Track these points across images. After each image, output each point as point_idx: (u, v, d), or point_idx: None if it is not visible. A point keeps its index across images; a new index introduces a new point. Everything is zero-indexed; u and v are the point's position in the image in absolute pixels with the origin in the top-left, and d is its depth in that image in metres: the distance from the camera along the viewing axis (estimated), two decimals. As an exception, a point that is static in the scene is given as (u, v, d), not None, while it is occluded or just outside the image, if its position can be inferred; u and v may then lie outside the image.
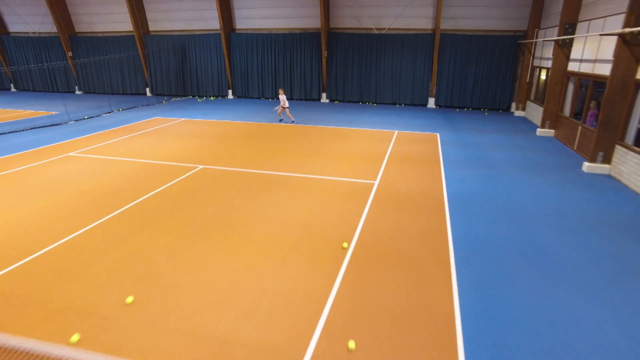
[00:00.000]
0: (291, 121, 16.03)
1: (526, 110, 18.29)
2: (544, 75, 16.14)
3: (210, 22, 22.55)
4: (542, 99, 15.91)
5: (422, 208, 7.50)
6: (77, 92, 26.28)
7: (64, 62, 25.40)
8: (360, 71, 21.09)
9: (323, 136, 13.53)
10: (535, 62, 17.45)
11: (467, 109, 20.31)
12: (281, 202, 7.71)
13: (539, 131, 14.28)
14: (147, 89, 24.94)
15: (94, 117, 17.34)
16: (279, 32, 21.80)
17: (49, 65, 25.64)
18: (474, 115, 18.49)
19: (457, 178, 9.28)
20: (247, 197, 7.95)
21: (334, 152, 11.49)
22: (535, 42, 17.28)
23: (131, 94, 25.28)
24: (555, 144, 12.97)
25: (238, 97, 23.69)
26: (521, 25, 18.50)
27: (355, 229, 6.60)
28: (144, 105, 20.73)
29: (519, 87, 18.75)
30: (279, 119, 16.38)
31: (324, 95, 22.16)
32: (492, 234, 6.51)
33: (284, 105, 15.78)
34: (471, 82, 19.71)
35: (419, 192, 8.34)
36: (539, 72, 16.82)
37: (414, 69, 20.30)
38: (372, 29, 20.48)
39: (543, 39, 14.74)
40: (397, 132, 14.34)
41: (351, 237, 6.31)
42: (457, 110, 19.98)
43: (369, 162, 10.43)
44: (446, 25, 19.28)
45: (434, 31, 19.53)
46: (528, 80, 18.02)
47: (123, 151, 11.44)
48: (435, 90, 20.31)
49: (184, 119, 16.69)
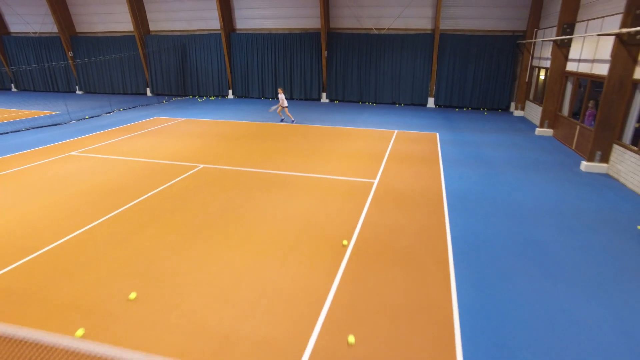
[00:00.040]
0: (291, 120, 16.10)
1: (525, 110, 18.37)
2: (542, 75, 16.22)
3: (211, 22, 22.62)
4: (541, 98, 15.99)
5: (421, 206, 7.58)
6: (77, 92, 26.35)
7: (65, 62, 25.47)
8: (360, 71, 21.17)
9: (323, 136, 13.60)
10: (534, 62, 17.53)
11: (467, 108, 20.39)
12: (281, 201, 7.79)
13: (537, 131, 14.36)
14: (148, 89, 25.02)
15: (94, 116, 17.42)
16: (279, 32, 21.88)
17: (49, 65, 25.70)
18: (473, 115, 18.57)
19: (456, 177, 9.35)
20: (247, 196, 8.03)
21: (334, 151, 11.56)
22: (534, 42, 17.36)
23: (132, 93, 25.35)
24: (554, 143, 13.05)
25: (238, 97, 23.77)
26: (520, 26, 18.58)
27: (355, 227, 6.67)
28: (145, 105, 20.80)
29: (518, 87, 18.83)
30: (280, 118, 16.44)
31: (323, 95, 22.24)
32: (491, 232, 6.59)
33: (282, 104, 15.85)
34: (470, 82, 19.79)
35: (418, 190, 8.42)
36: (537, 72, 16.90)
37: (414, 69, 20.38)
38: (372, 29, 20.56)
39: (542, 39, 14.82)
40: (396, 131, 14.41)
41: (351, 235, 6.39)
42: (457, 110, 20.05)
43: (368, 161, 10.50)
44: (446, 25, 19.36)
45: (433, 31, 19.61)
46: (527, 80, 18.11)
47: (124, 151, 11.51)
48: (434, 90, 20.39)
49: (184, 119, 16.76)
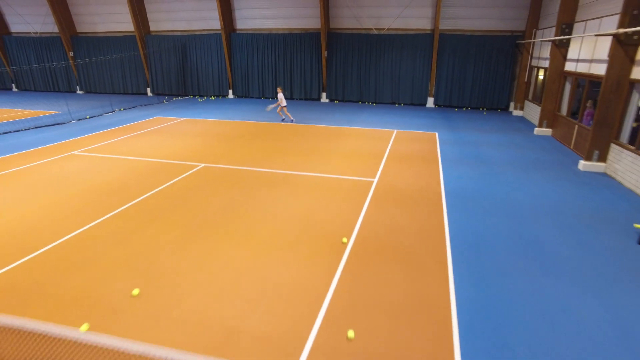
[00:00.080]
0: (290, 120, 16.18)
1: (524, 109, 18.45)
2: (541, 75, 16.30)
3: (211, 22, 22.70)
4: (540, 98, 16.07)
5: (420, 205, 7.66)
6: (78, 91, 26.43)
7: (66, 62, 25.55)
8: (359, 71, 21.25)
9: (323, 135, 13.68)
10: (533, 62, 17.61)
11: (466, 108, 20.47)
12: (282, 199, 7.86)
13: (536, 130, 14.44)
14: (148, 89, 25.10)
15: (95, 116, 17.50)
16: (279, 32, 21.96)
17: (50, 65, 25.78)
18: (472, 114, 18.65)
19: (455, 176, 9.43)
20: (248, 195, 8.11)
21: (334, 150, 11.64)
22: (533, 42, 17.44)
23: (132, 93, 25.43)
24: (553, 142, 13.13)
25: (238, 96, 23.85)
26: (519, 26, 18.66)
27: (354, 225, 6.75)
28: (145, 105, 20.88)
29: (517, 87, 18.91)
30: (281, 118, 16.52)
31: (323, 94, 22.32)
32: (489, 230, 6.66)
33: (281, 103, 15.94)
34: (470, 82, 19.87)
35: (417, 189, 8.50)
36: (536, 72, 16.98)
37: (413, 68, 20.46)
38: (372, 29, 20.64)
39: (541, 39, 14.90)
40: (396, 131, 14.49)
41: (350, 233, 6.47)
42: (456, 109, 20.14)
43: (368, 161, 10.58)
44: (445, 25, 19.44)
45: (433, 31, 19.69)
46: (526, 80, 18.19)
47: (125, 150, 11.59)
48: (434, 89, 20.47)
49: (185, 119, 16.84)
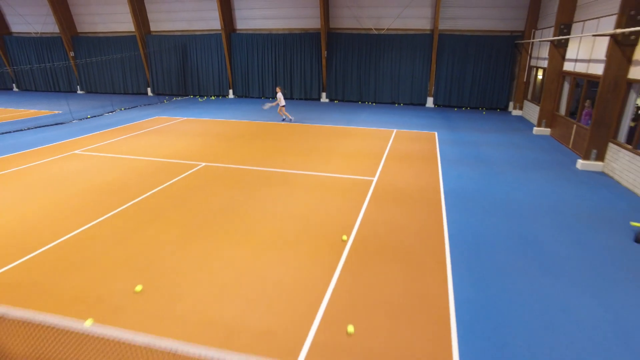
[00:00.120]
0: (288, 119, 16.27)
1: (523, 109, 18.52)
2: (540, 75, 16.38)
3: (211, 22, 22.77)
4: (538, 98, 16.15)
5: (419, 204, 7.73)
6: (78, 91, 26.50)
7: (66, 62, 25.62)
8: (359, 71, 21.32)
9: (323, 135, 13.75)
10: (532, 62, 17.69)
11: (465, 108, 20.55)
12: (282, 198, 7.94)
13: (535, 130, 14.52)
14: (149, 89, 25.17)
15: (96, 116, 17.57)
16: (279, 32, 22.03)
17: (51, 65, 25.84)
18: (471, 114, 18.73)
19: (454, 175, 9.50)
20: (248, 193, 8.18)
21: (334, 150, 11.71)
22: (532, 43, 17.52)
23: (132, 93, 25.50)
24: (551, 142, 13.21)
25: (239, 96, 23.93)
26: (518, 26, 18.74)
27: (354, 224, 6.82)
28: (146, 105, 20.95)
29: (517, 87, 18.99)
30: (282, 118, 16.59)
31: (323, 94, 22.39)
32: (488, 228, 6.74)
33: (280, 102, 16.02)
34: (469, 82, 19.95)
35: (416, 188, 8.57)
36: (535, 71, 17.06)
37: (413, 68, 20.53)
38: (372, 29, 20.71)
39: (539, 39, 14.98)
40: (395, 130, 14.57)
41: (350, 231, 6.54)
42: (455, 109, 20.21)
43: (367, 160, 10.66)
44: (444, 25, 19.52)
45: (432, 31, 19.77)
46: (525, 80, 18.27)
47: (126, 149, 11.66)
48: (433, 89, 20.55)
49: (185, 118, 16.91)
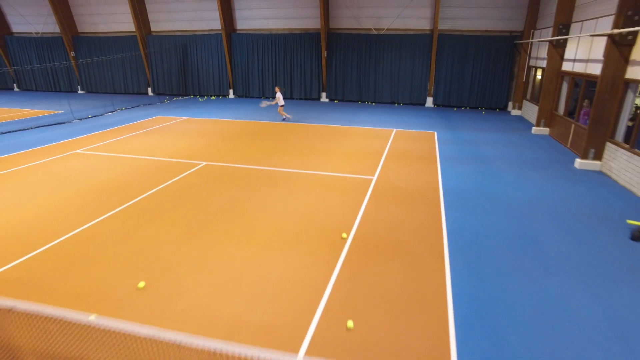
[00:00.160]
0: (287, 119, 16.36)
1: (522, 109, 18.60)
2: (539, 75, 16.46)
3: (212, 22, 22.85)
4: (537, 98, 16.22)
5: (418, 202, 7.81)
6: (79, 91, 26.58)
7: (67, 62, 25.70)
8: (359, 71, 21.40)
9: (323, 134, 13.83)
10: (531, 62, 17.77)
11: (465, 108, 20.62)
12: (282, 197, 8.01)
13: (534, 129, 14.60)
14: (149, 89, 25.24)
15: (97, 115, 17.64)
16: (279, 32, 22.11)
17: (51, 65, 25.92)
18: (471, 114, 18.81)
19: (453, 174, 9.58)
20: (249, 192, 8.26)
21: (334, 149, 11.79)
22: (531, 43, 17.60)
23: (133, 93, 25.58)
24: (550, 141, 13.29)
25: (239, 96, 24.00)
26: (517, 26, 18.82)
27: (353, 222, 6.90)
28: (146, 105, 21.02)
29: (516, 87, 19.07)
30: (282, 118, 16.66)
31: (323, 94, 22.47)
32: (486, 226, 6.82)
33: (279, 102, 16.11)
34: (468, 82, 20.03)
35: (415, 187, 8.65)
36: (534, 71, 17.14)
37: (412, 68, 20.61)
38: (371, 29, 20.79)
39: (538, 39, 15.06)
40: (395, 130, 14.64)
41: (350, 229, 6.62)
42: (455, 109, 20.29)
43: (367, 159, 10.73)
44: (444, 25, 19.59)
45: (431, 31, 19.84)
46: (524, 80, 18.35)
47: (128, 149, 11.74)
48: (433, 89, 20.63)
49: (186, 118, 16.99)
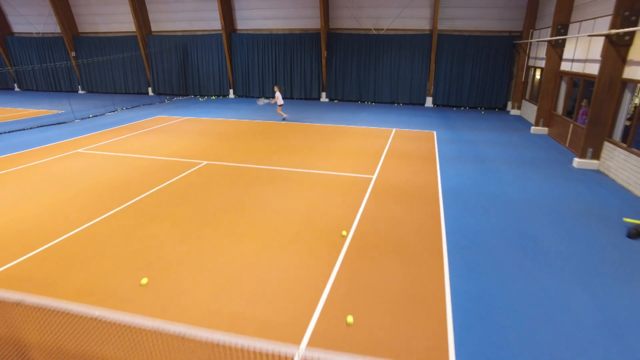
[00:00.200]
0: (282, 118, 16.46)
1: (522, 109, 18.68)
2: (538, 75, 16.53)
3: (212, 22, 22.92)
4: (536, 98, 16.30)
5: (417, 201, 7.88)
6: (80, 91, 26.65)
7: (67, 62, 25.76)
8: (359, 71, 21.48)
9: (323, 134, 13.91)
10: (530, 62, 17.84)
11: (464, 107, 20.70)
12: (283, 195, 8.09)
13: (533, 129, 14.68)
14: (150, 89, 25.31)
15: (98, 115, 17.72)
16: (279, 32, 22.18)
17: (52, 65, 25.99)
18: (470, 114, 18.88)
19: (452, 173, 9.66)
20: (250, 190, 8.33)
21: (333, 148, 11.87)
22: (530, 43, 17.67)
23: (134, 93, 25.65)
24: (549, 141, 13.37)
25: (239, 96, 24.08)
26: (517, 26, 18.90)
27: (353, 220, 6.97)
28: (147, 105, 21.10)
29: (515, 87, 19.15)
30: (282, 117, 16.74)
31: (323, 94, 22.55)
32: (485, 225, 6.89)
33: (278, 101, 16.21)
34: (468, 82, 20.11)
35: (415, 186, 8.72)
36: (533, 71, 17.21)
37: (412, 68, 20.69)
38: (371, 29, 20.86)
39: (537, 39, 15.14)
40: (394, 130, 14.72)
41: (350, 227, 6.69)
42: (454, 109, 20.37)
43: (367, 158, 10.81)
44: (443, 25, 19.67)
45: (431, 32, 19.92)
46: (523, 80, 18.42)
47: (129, 148, 11.81)
48: (432, 89, 20.71)
49: (186, 118, 17.06)
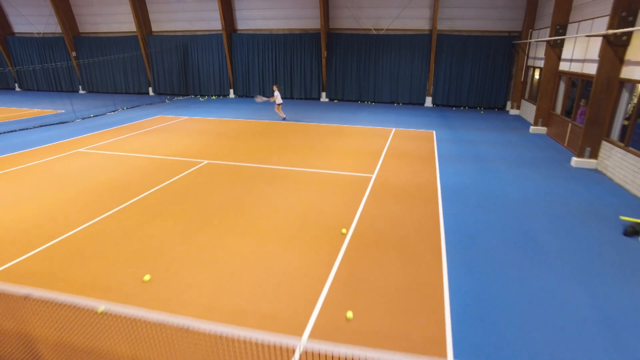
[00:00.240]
0: (281, 118, 16.54)
1: (521, 108, 18.75)
2: (537, 75, 16.60)
3: (212, 22, 23.00)
4: (535, 97, 16.37)
5: (416, 199, 7.96)
6: (80, 91, 26.72)
7: (68, 62, 25.83)
8: (359, 71, 21.55)
9: (323, 133, 13.98)
10: (529, 62, 17.92)
11: (464, 107, 20.78)
12: (283, 194, 8.16)
13: (532, 129, 14.75)
14: (150, 89, 25.39)
15: (99, 115, 17.79)
16: (279, 32, 22.26)
17: (53, 65, 26.06)
18: (470, 113, 18.96)
19: (451, 172, 9.73)
20: (250, 189, 8.41)
21: (333, 148, 11.94)
22: (529, 43, 17.75)
23: (134, 93, 25.73)
24: (547, 140, 13.44)
25: (239, 96, 24.15)
26: (516, 26, 18.97)
27: (353, 218, 7.05)
28: (148, 104, 21.17)
29: (514, 86, 19.22)
30: (282, 117, 16.81)
31: (323, 94, 22.62)
32: (483, 223, 6.96)
33: (277, 101, 16.29)
34: (467, 82, 20.18)
35: (414, 185, 8.80)
36: (532, 71, 17.29)
37: (412, 68, 20.77)
38: (371, 29, 20.94)
39: (536, 39, 15.21)
40: (394, 129, 14.79)
41: (349, 225, 6.76)
42: (454, 108, 20.44)
43: (367, 158, 10.88)
44: (443, 26, 19.74)
45: (431, 32, 19.99)
46: (522, 80, 18.49)
47: (130, 147, 11.89)
48: (432, 89, 20.78)
49: (187, 117, 17.13)
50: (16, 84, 28.12)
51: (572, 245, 6.17)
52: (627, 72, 9.12)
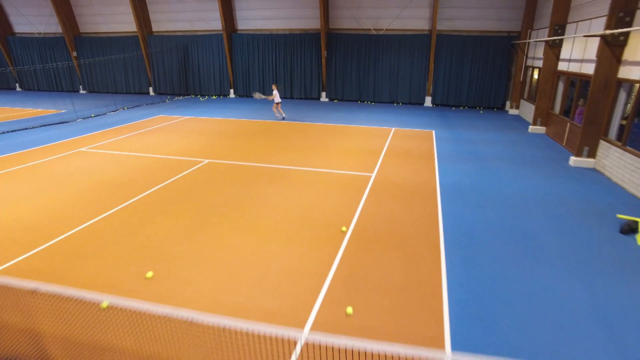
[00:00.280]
0: (281, 117, 16.61)
1: (520, 108, 18.83)
2: (536, 75, 16.68)
3: (212, 22, 23.06)
4: (534, 97, 16.44)
5: (416, 198, 8.03)
6: (81, 91, 26.79)
7: (69, 62, 25.90)
8: (359, 71, 21.62)
9: (323, 133, 14.05)
10: (528, 62, 18.00)
11: (463, 107, 20.85)
12: (283, 192, 8.23)
13: (530, 128, 14.83)
14: (151, 89, 25.45)
15: (100, 115, 17.85)
16: (279, 32, 22.33)
17: (53, 65, 26.12)
18: (469, 113, 19.03)
19: (450, 172, 9.80)
20: (251, 188, 8.47)
21: (333, 147, 12.01)
22: (528, 43, 17.83)
23: (135, 93, 25.79)
24: (546, 140, 13.51)
25: (239, 96, 24.22)
26: (515, 26, 19.05)
27: (353, 216, 7.12)
28: (148, 104, 21.23)
29: (513, 86, 19.30)
30: (282, 117, 16.88)
31: (323, 94, 22.69)
32: (481, 221, 7.03)
33: (275, 100, 16.37)
34: (467, 82, 20.26)
35: (413, 184, 8.87)
36: (531, 71, 17.36)
37: (411, 68, 20.84)
38: (371, 29, 21.01)
39: (535, 39, 15.28)
40: (394, 129, 14.86)
41: (349, 223, 6.83)
42: (453, 108, 20.51)
43: (366, 157, 10.96)
44: (442, 26, 19.82)
45: (430, 32, 20.06)
46: (521, 80, 18.57)
47: (131, 147, 11.95)
48: (431, 89, 20.85)
49: (187, 117, 17.20)
50: (17, 84, 28.19)
51: (570, 244, 6.24)
52: (624, 72, 9.20)
